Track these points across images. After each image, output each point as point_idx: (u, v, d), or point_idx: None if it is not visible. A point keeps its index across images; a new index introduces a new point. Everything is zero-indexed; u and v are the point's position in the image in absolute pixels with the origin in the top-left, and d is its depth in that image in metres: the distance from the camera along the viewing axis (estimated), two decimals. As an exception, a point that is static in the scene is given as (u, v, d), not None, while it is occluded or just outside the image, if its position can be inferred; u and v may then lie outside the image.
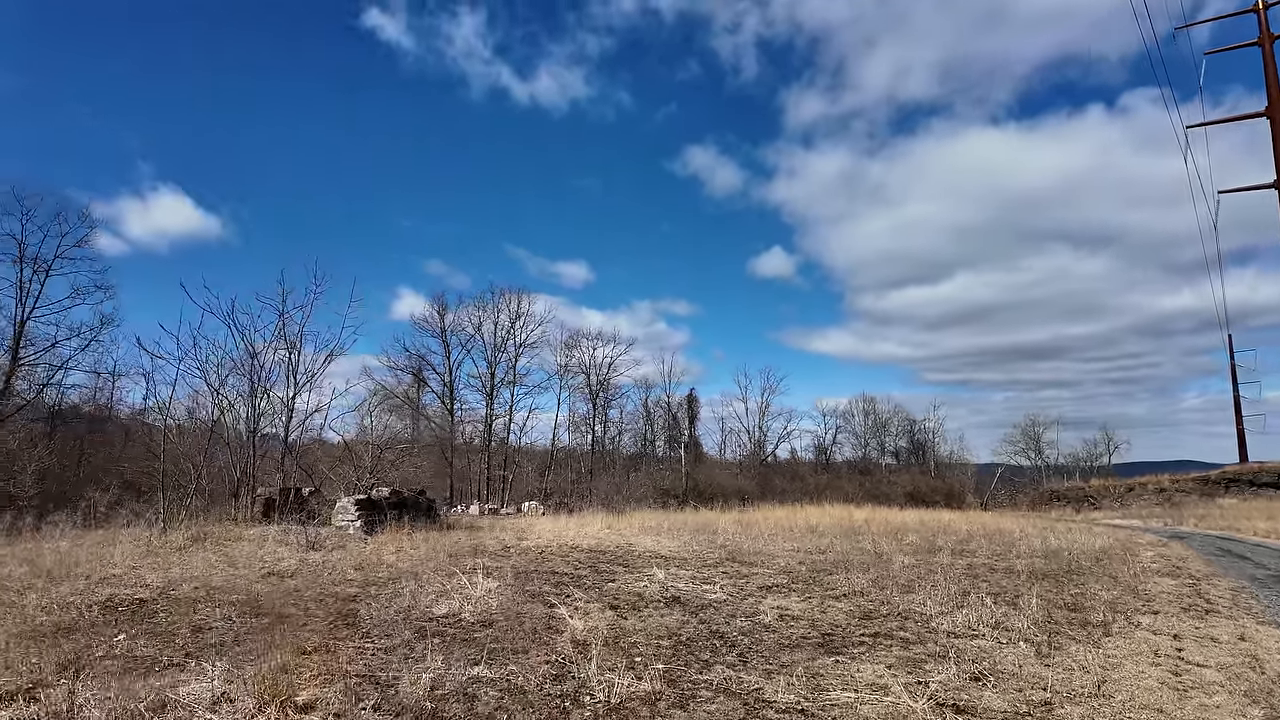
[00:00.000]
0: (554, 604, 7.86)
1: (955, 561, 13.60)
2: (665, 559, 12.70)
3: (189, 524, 14.34)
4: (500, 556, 12.26)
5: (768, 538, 17.24)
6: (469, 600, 7.64)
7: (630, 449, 55.09)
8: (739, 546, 15.03)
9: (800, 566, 12.10)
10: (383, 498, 17.27)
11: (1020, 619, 7.82)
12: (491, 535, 16.45)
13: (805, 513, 28.64)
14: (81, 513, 15.07)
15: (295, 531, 14.00)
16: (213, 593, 8.04)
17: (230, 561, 10.42)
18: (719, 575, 10.80)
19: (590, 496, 33.59)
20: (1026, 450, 72.53)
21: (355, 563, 10.70)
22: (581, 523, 22.52)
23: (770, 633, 7.03)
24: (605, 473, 41.93)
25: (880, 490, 50.03)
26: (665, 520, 22.54)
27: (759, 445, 55.95)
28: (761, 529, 20.10)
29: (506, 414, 44.75)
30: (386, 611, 7.09)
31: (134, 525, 14.46)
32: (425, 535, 15.36)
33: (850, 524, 22.94)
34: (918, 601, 8.86)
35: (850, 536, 18.70)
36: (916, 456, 68.81)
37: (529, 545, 14.29)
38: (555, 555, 12.77)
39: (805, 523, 22.55)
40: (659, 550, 14.10)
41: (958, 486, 54.25)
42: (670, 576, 10.36)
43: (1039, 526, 25.91)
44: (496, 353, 44.26)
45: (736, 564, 12.30)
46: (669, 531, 18.54)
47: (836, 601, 8.89)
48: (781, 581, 10.39)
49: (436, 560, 11.18)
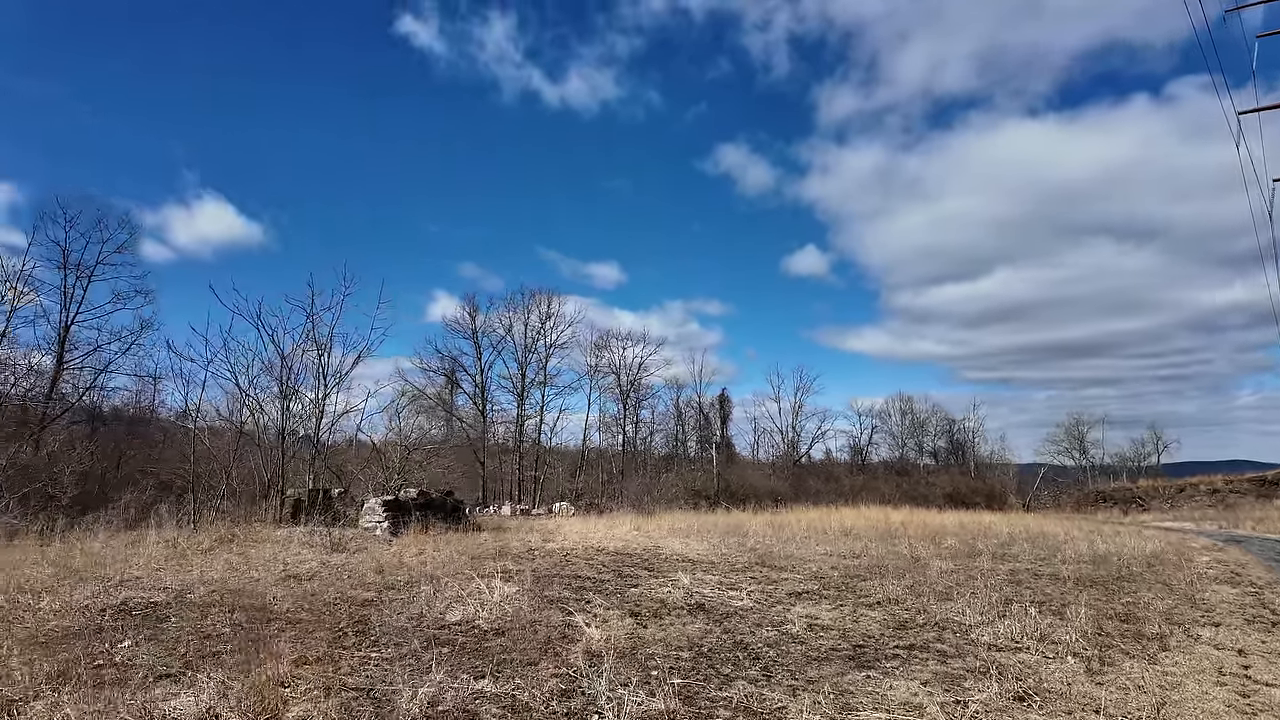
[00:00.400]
0: (572, 611, 7.58)
1: (996, 567, 13.01)
2: (692, 563, 12.36)
3: (218, 525, 14.41)
4: (523, 559, 12.04)
5: (800, 541, 16.78)
6: (484, 606, 7.40)
7: (662, 450, 54.76)
8: (769, 550, 14.61)
9: (832, 572, 11.66)
10: (410, 499, 17.21)
11: (1068, 631, 7.32)
12: (518, 537, 16.26)
13: (840, 515, 28.01)
14: (116, 514, 15.24)
15: (320, 533, 13.97)
16: (228, 597, 7.92)
17: (252, 564, 10.35)
18: (747, 580, 10.42)
19: (620, 497, 33.35)
20: (1070, 450, 70.35)
21: (376, 565, 10.56)
22: (610, 524, 22.27)
23: (798, 644, 6.65)
24: (636, 473, 41.67)
25: (918, 491, 48.92)
26: (695, 522, 22.17)
27: (792, 446, 55.18)
28: (794, 531, 19.62)
29: (537, 415, 44.77)
30: (399, 618, 6.87)
31: (165, 527, 14.57)
32: (450, 537, 15.23)
33: (886, 526, 22.31)
34: (956, 610, 8.39)
35: (886, 540, 18.14)
36: (956, 457, 67.18)
37: (554, 547, 14.06)
38: (579, 558, 12.51)
39: (839, 525, 21.98)
40: (686, 553, 13.76)
41: (998, 487, 52.83)
42: (695, 582, 10.01)
43: (1085, 529, 24.95)
44: (527, 353, 44.30)
45: (766, 568, 11.91)
46: (698, 534, 18.17)
47: (869, 610, 8.46)
48: (812, 588, 9.98)
49: (458, 563, 10.99)
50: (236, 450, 16.85)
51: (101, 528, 14.22)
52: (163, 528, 14.53)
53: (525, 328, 44.45)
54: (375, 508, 16.42)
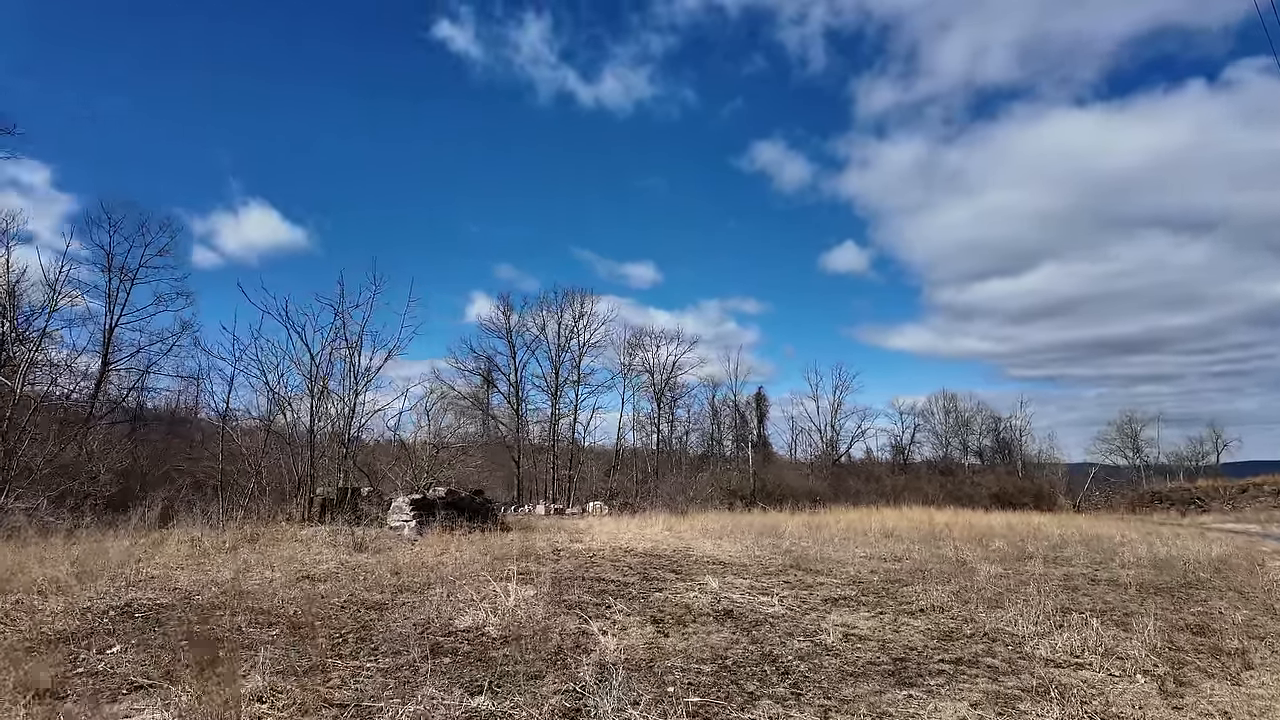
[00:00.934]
0: (590, 617, 7.12)
1: (1050, 571, 12.21)
2: (723, 565, 11.82)
3: (245, 524, 14.33)
4: (547, 560, 11.64)
5: (838, 543, 16.10)
6: (496, 611, 6.99)
7: (697, 449, 54.08)
8: (805, 552, 13.99)
9: (872, 576, 11.01)
10: (438, 498, 16.97)
11: (1134, 644, 6.61)
12: (545, 537, 15.90)
13: (880, 515, 27.13)
14: (150, 512, 15.30)
15: (345, 533, 13.78)
16: (236, 598, 7.66)
17: (270, 564, 10.13)
18: (780, 585, 9.85)
19: (654, 497, 32.87)
20: (1123, 449, 67.66)
21: (394, 566, 10.25)
22: (642, 524, 21.80)
23: (832, 657, 6.09)
24: (670, 473, 41.15)
25: (963, 492, 47.46)
26: (729, 522, 21.58)
27: (831, 445, 54.03)
28: (832, 533, 18.91)
29: (571, 414, 44.56)
30: (405, 624, 6.50)
31: (195, 525, 14.55)
32: (477, 537, 14.93)
33: (930, 528, 21.44)
34: (1008, 620, 7.72)
35: (930, 542, 17.34)
36: (1002, 456, 65.13)
37: (580, 548, 13.65)
38: (606, 559, 12.06)
39: (880, 526, 21.17)
40: (718, 555, 13.22)
41: (1047, 487, 51.04)
42: (725, 586, 9.48)
43: (1141, 531, 23.68)
44: (560, 352, 44.12)
45: (801, 572, 11.31)
46: (731, 534, 17.60)
47: (912, 618, 7.84)
48: (850, 593, 9.36)
49: (479, 564, 10.63)
50: (265, 449, 16.82)
51: (132, 526, 14.25)
52: (193, 526, 14.52)
53: (559, 326, 44.30)
54: (402, 507, 16.22)
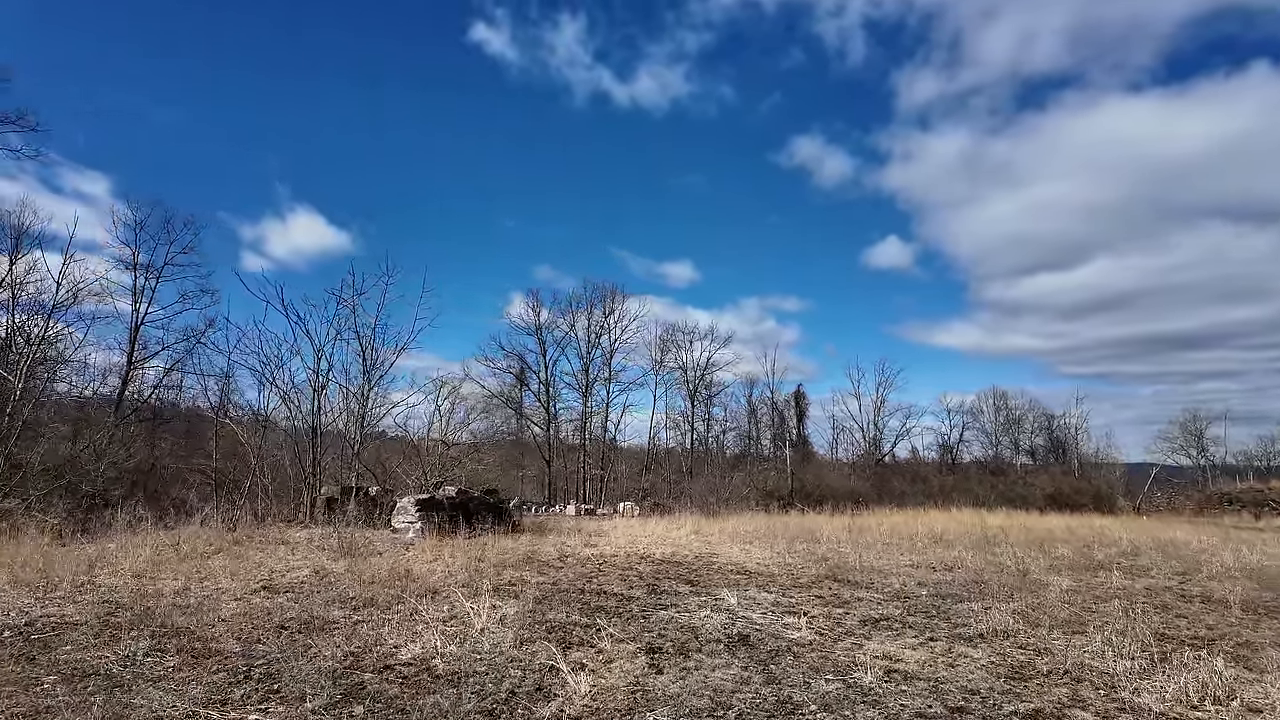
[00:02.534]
0: (571, 644, 5.84)
1: (1129, 584, 10.54)
2: (747, 574, 10.43)
3: (237, 525, 13.45)
4: (549, 568, 10.41)
5: (881, 548, 14.55)
6: (458, 638, 5.76)
7: (733, 448, 52.45)
8: (843, 560, 12.49)
9: (919, 590, 9.51)
10: (446, 498, 15.91)
11: (1272, 689, 5.07)
12: (558, 540, 14.70)
13: (928, 518, 25.34)
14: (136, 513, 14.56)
15: (340, 535, 12.79)
16: (167, 613, 6.59)
17: (235, 572, 9.10)
18: (810, 601, 8.43)
19: (685, 498, 31.49)
20: (1186, 448, 63.78)
21: (377, 575, 9.13)
22: (669, 526, 20.49)
23: (869, 705, 4.70)
24: (705, 472, 39.67)
25: (1015, 492, 44.92)
26: (762, 525, 20.10)
27: (874, 444, 51.79)
28: (874, 537, 17.33)
29: (603, 412, 43.43)
30: (338, 653, 5.30)
31: (187, 526, 13.72)
32: (486, 540, 13.82)
33: (983, 532, 19.67)
34: (1092, 650, 6.21)
35: (983, 547, 15.67)
36: (1056, 455, 62.05)
37: (591, 553, 12.39)
38: (615, 567, 10.78)
39: (927, 530, 19.47)
40: (744, 563, 11.83)
41: (1106, 489, 48.14)
42: (744, 602, 8.11)
43: (1218, 536, 21.46)
44: (590, 349, 43.01)
45: (836, 584, 9.86)
46: (762, 538, 16.17)
47: (970, 648, 6.37)
48: (893, 612, 7.91)
49: (470, 573, 9.45)
50: (263, 445, 16.00)
51: (122, 527, 13.47)
52: (186, 527, 13.69)
53: (589, 322, 43.21)
54: (407, 507, 15.18)
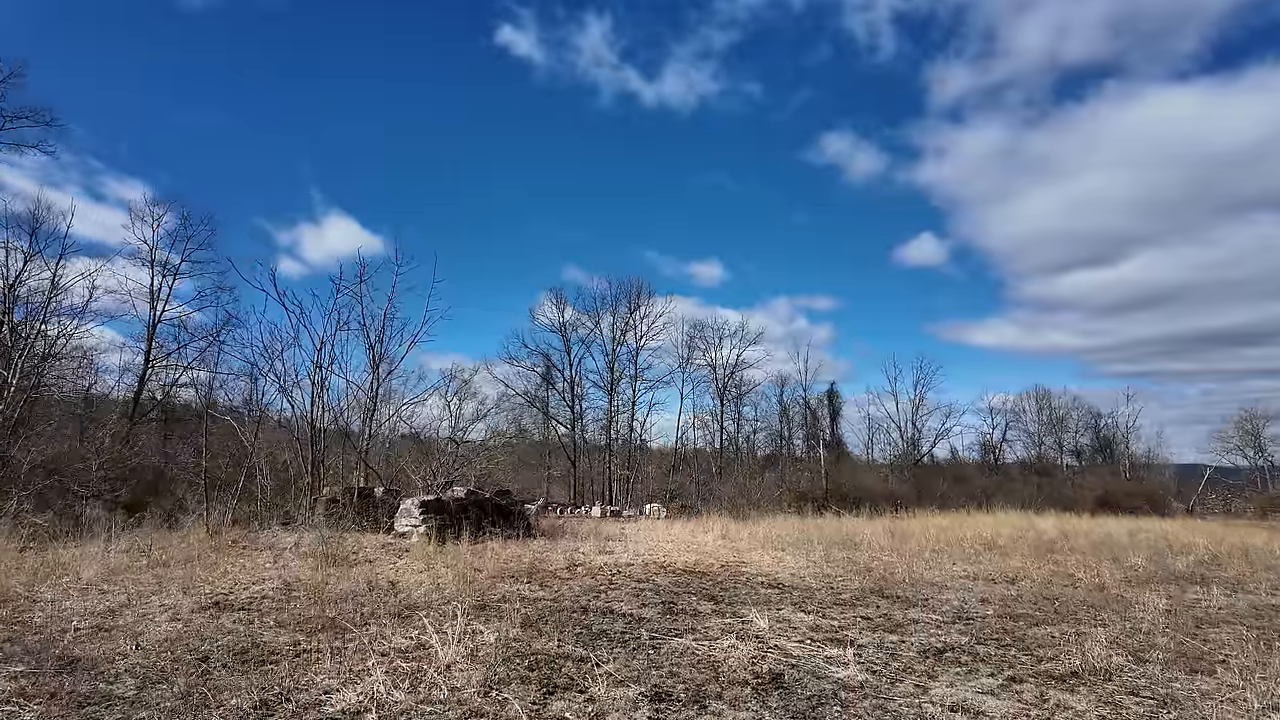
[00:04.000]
0: (555, 688, 4.60)
1: (1230, 601, 8.98)
2: (780, 589, 9.10)
3: (221, 528, 12.49)
4: (554, 580, 9.19)
5: (929, 557, 13.09)
6: (406, 680, 4.56)
7: (764, 449, 50.83)
8: (889, 570, 11.08)
9: (983, 608, 8.09)
10: (453, 499, 14.81)
11: None
12: (572, 545, 13.48)
13: (974, 521, 23.63)
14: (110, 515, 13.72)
15: (329, 539, 11.73)
16: (74, 640, 5.50)
17: (194, 583, 8.04)
18: (855, 623, 7.09)
19: (713, 499, 30.11)
20: (1243, 448, 60.49)
21: (355, 588, 8.00)
22: (695, 530, 19.18)
23: (953, 790, 3.38)
24: (734, 473, 38.20)
25: (1063, 494, 42.77)
26: (796, 529, 18.69)
27: (912, 444, 49.77)
28: (919, 543, 15.82)
29: (629, 412, 42.20)
30: (246, 702, 4.12)
31: (171, 528, 12.82)
32: (495, 545, 12.68)
33: (1039, 537, 18.02)
34: (1231, 695, 4.80)
35: (1042, 555, 14.11)
36: (1103, 455, 59.34)
37: (606, 561, 11.15)
38: (630, 579, 9.52)
39: (976, 534, 17.88)
40: (776, 574, 10.49)
41: (1160, 490, 45.64)
42: (778, 626, 6.80)
43: (1302, 543, 19.50)
44: (616, 346, 41.85)
45: (885, 601, 8.48)
46: (797, 545, 14.78)
47: (1067, 693, 4.99)
48: (957, 639, 6.53)
49: (460, 585, 8.27)
50: (254, 442, 15.04)
51: (106, 530, 12.59)
52: (175, 530, 12.78)
53: (614, 318, 42.05)
54: (410, 509, 14.11)
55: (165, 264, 29.53)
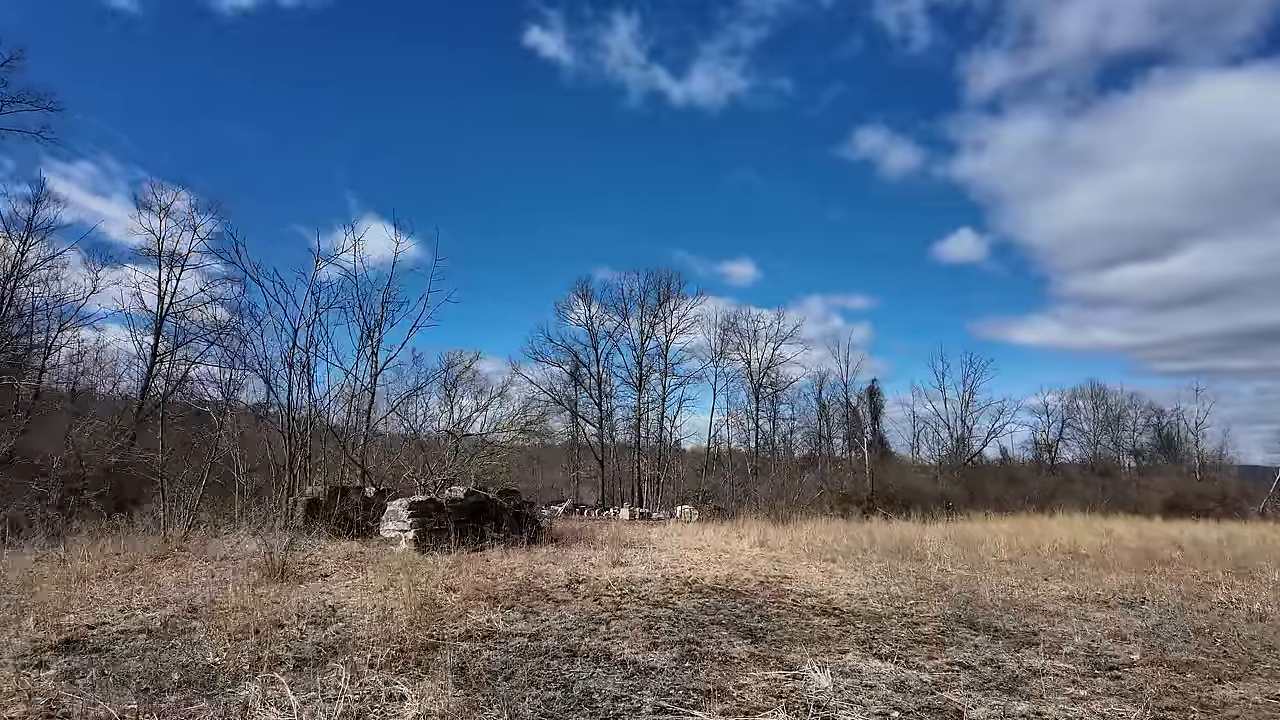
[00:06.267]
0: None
1: None
2: (838, 617, 6.98)
3: (186, 532, 10.79)
4: (545, 603, 7.20)
5: (1010, 571, 10.83)
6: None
7: (801, 448, 48.28)
8: (971, 590, 8.85)
9: (1123, 649, 5.87)
10: (450, 500, 12.93)
11: None
12: (583, 555, 11.49)
13: (1041, 526, 21.01)
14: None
15: (298, 546, 9.92)
16: None
17: (70, 608, 6.22)
18: (957, 678, 4.95)
19: (748, 500, 27.89)
20: (1318, 448, 56.05)
21: (273, 616, 6.11)
22: (729, 535, 17.07)
23: None
24: (771, 473, 35.88)
25: (1127, 496, 39.59)
26: (843, 534, 16.47)
27: (961, 443, 46.75)
28: (989, 552, 13.53)
29: (659, 408, 40.14)
30: None
31: (127, 534, 11.16)
32: (495, 553, 10.79)
33: (1127, 545, 15.55)
34: None
35: (1147, 567, 11.78)
36: (1166, 454, 55.49)
37: (616, 576, 9.11)
38: (643, 602, 7.48)
39: (1053, 542, 15.44)
40: (830, 594, 8.36)
41: (1234, 492, 42.11)
42: (845, 684, 4.70)
43: None
44: (645, 339, 39.83)
45: (982, 635, 6.31)
46: (848, 554, 12.60)
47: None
48: (1117, 711, 4.36)
49: (414, 614, 6.32)
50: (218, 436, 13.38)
51: (49, 535, 10.99)
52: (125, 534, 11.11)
53: (642, 309, 40.06)
54: (398, 512, 12.26)
55: (172, 255, 28.32)
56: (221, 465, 13.35)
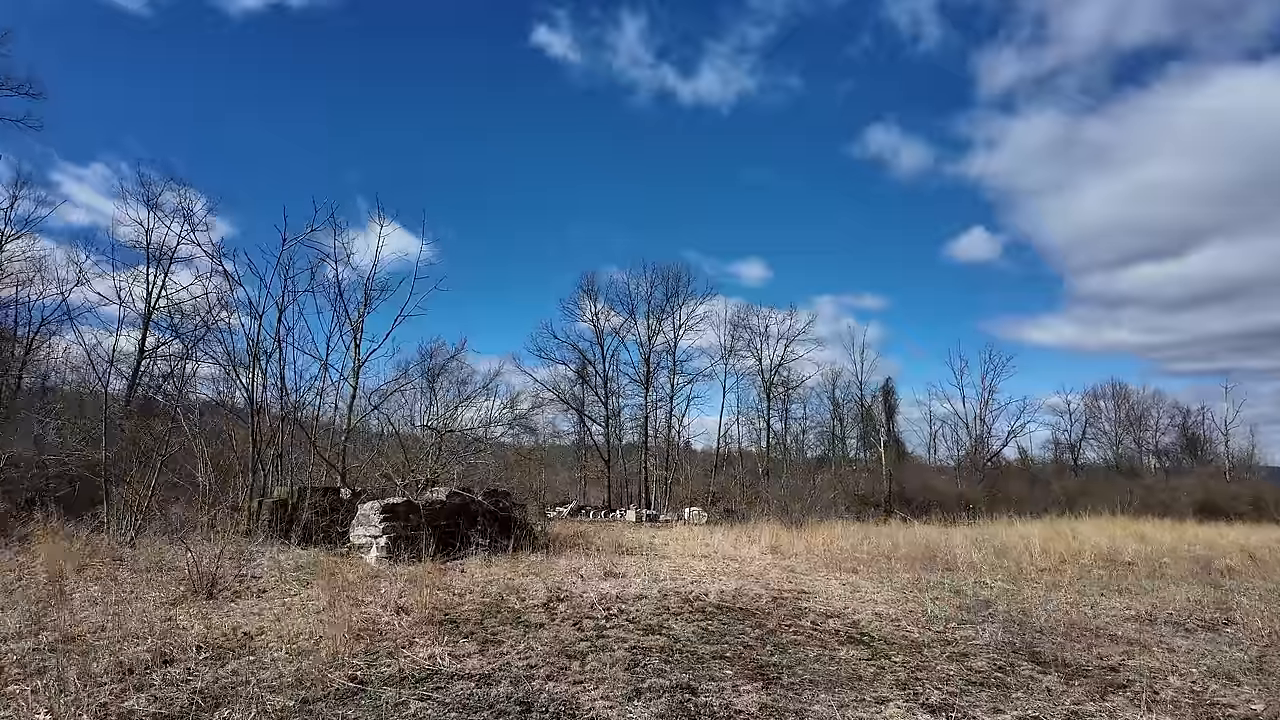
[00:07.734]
0: None
1: None
2: (868, 645, 5.71)
3: (129, 537, 9.65)
4: (514, 628, 5.97)
5: (1058, 584, 9.49)
6: None
7: (814, 449, 46.84)
8: (1018, 608, 7.56)
9: (1234, 694, 4.58)
10: (427, 503, 11.72)
11: None
12: (575, 564, 10.25)
13: (1073, 530, 19.58)
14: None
15: (245, 556, 8.75)
16: None
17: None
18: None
19: (759, 502, 26.56)
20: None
21: (162, 648, 4.92)
22: (739, 539, 15.80)
23: None
24: (783, 474, 34.51)
25: (1155, 498, 37.89)
26: (861, 538, 15.15)
27: (980, 443, 45.12)
28: (1024, 559, 12.21)
29: (667, 405, 38.85)
30: None
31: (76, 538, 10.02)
32: (457, 564, 9.61)
33: (1175, 551, 14.20)
34: None
35: (1203, 579, 10.47)
36: (1192, 455, 53.66)
37: (607, 591, 7.85)
38: (632, 627, 6.24)
39: (1094, 548, 14.07)
40: (854, 612, 7.09)
41: (1270, 493, 40.39)
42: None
43: None
44: (652, 336, 38.53)
45: (1047, 672, 5.03)
46: (869, 562, 11.31)
47: None
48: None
49: (353, 643, 5.11)
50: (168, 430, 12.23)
51: None
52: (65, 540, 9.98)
53: (649, 305, 38.80)
54: (370, 516, 11.06)
55: (161, 247, 27.32)
56: (183, 465, 12.22)
